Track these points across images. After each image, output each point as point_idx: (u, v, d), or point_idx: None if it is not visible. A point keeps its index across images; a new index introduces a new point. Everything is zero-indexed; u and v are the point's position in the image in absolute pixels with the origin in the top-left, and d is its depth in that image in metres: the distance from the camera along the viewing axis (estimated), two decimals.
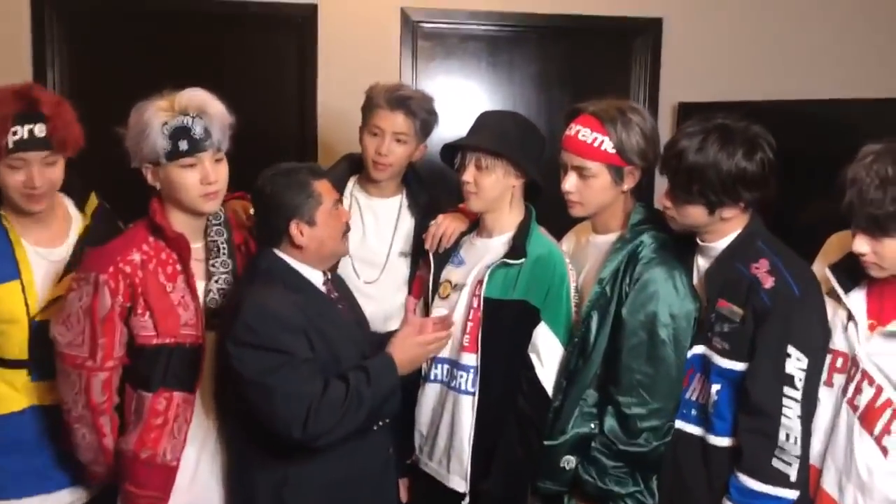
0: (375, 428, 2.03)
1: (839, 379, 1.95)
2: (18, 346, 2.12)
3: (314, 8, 3.73)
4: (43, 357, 2.10)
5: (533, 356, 2.17)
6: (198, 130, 2.00)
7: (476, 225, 2.37)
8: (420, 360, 2.13)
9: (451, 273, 2.34)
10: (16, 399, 2.15)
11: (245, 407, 1.95)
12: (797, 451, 1.89)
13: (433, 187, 2.66)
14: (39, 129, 2.01)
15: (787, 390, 1.88)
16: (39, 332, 2.11)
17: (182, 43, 3.71)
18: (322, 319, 2.00)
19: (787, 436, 1.89)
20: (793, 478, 1.89)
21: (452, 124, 3.53)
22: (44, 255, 2.15)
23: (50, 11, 3.61)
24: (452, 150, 2.28)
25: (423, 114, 2.51)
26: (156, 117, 1.99)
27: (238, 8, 3.68)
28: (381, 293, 2.50)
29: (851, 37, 3.98)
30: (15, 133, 1.99)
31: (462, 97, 3.88)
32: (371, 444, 2.07)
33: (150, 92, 2.07)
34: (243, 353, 1.90)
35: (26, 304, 2.10)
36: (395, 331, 2.13)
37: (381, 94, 2.49)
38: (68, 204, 2.25)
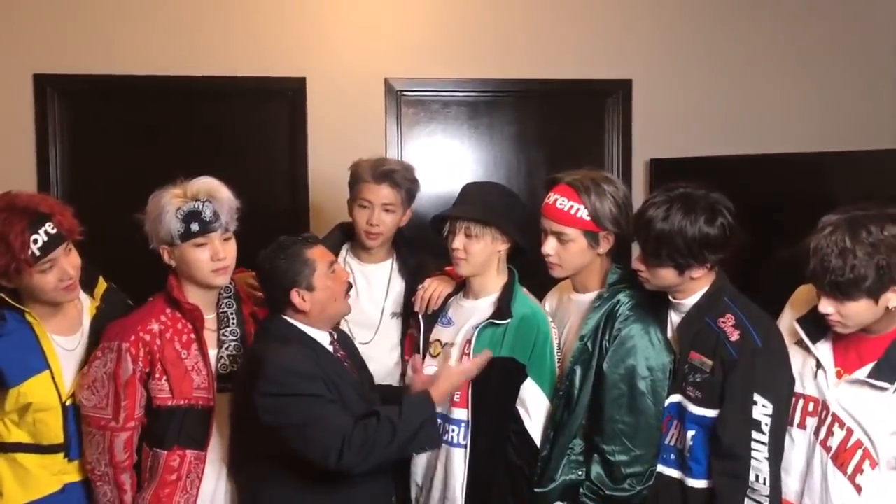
0: (415, 455, 2.12)
1: (811, 422, 2.07)
2: (54, 430, 2.20)
3: (303, 80, 3.89)
4: (78, 438, 2.23)
5: (521, 410, 2.28)
6: (208, 214, 2.18)
7: (462, 286, 2.49)
8: (456, 383, 2.19)
9: (440, 333, 2.45)
10: (51, 482, 2.23)
11: (278, 452, 2.05)
12: (766, 490, 2.00)
13: (421, 250, 2.78)
14: (51, 227, 2.10)
15: (755, 434, 2.01)
16: (73, 415, 2.22)
17: (177, 117, 3.86)
18: (332, 375, 2.13)
19: (757, 477, 2.01)
20: None
21: (437, 184, 3.74)
22: (64, 345, 2.25)
23: (51, 91, 3.75)
24: (441, 219, 2.41)
25: (406, 183, 2.65)
26: (170, 203, 2.17)
27: (230, 82, 3.82)
28: (376, 353, 2.59)
29: (813, 93, 4.17)
30: (36, 241, 2.06)
31: (445, 159, 4.06)
32: (373, 494, 2.18)
33: (147, 166, 2.21)
34: (272, 403, 2.01)
35: (58, 392, 2.19)
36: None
37: (366, 169, 2.63)
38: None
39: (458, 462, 2.30)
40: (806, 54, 4.18)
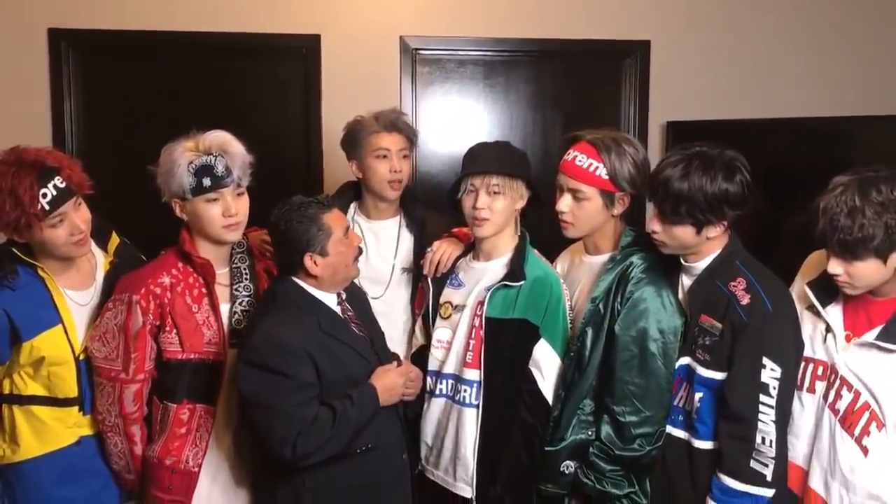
0: (359, 452, 2.13)
1: (820, 386, 2.08)
2: (69, 384, 2.23)
3: (318, 38, 3.86)
4: (92, 392, 2.25)
5: (534, 370, 2.29)
6: (220, 168, 2.17)
7: (471, 248, 2.49)
8: (397, 390, 2.21)
9: (450, 295, 2.45)
10: (66, 434, 2.26)
11: (249, 422, 2.09)
12: (772, 452, 2.02)
13: (425, 203, 2.82)
14: (59, 181, 2.10)
15: (762, 398, 2.02)
16: (85, 369, 2.25)
17: (191, 73, 3.86)
18: (333, 340, 2.14)
19: (763, 439, 2.03)
20: (769, 477, 2.03)
21: (451, 143, 3.71)
22: (77, 299, 2.26)
23: (66, 45, 3.75)
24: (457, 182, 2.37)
25: (410, 130, 2.71)
26: (182, 157, 2.16)
27: (245, 38, 3.80)
28: (387, 308, 2.63)
29: (832, 57, 4.11)
30: (45, 196, 2.06)
31: (460, 118, 4.03)
32: (385, 451, 2.21)
33: (162, 121, 2.18)
34: (249, 372, 2.04)
35: (70, 346, 2.21)
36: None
37: (372, 122, 2.67)
38: (91, 242, 2.31)
39: (471, 422, 2.33)
40: (828, 16, 4.11)
